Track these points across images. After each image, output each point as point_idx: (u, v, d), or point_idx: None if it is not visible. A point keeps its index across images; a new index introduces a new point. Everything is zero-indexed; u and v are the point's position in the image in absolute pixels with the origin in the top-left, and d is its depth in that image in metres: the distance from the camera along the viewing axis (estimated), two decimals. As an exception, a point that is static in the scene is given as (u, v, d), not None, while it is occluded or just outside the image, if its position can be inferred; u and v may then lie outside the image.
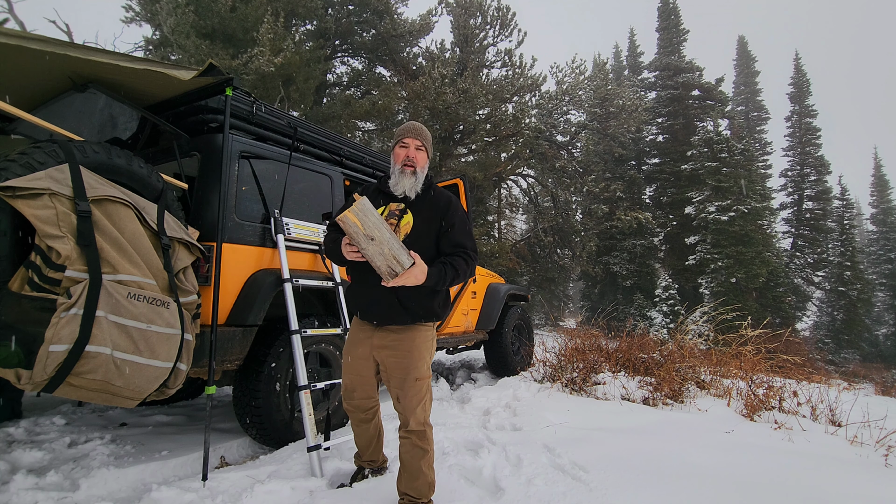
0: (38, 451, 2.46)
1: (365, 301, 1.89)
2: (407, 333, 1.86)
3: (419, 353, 1.85)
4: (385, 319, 1.86)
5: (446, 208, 1.89)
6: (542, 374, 4.81)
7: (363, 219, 1.62)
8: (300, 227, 2.99)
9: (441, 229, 1.86)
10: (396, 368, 1.84)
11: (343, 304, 3.00)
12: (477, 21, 14.57)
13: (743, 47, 31.47)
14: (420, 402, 1.84)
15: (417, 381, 1.83)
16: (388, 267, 1.64)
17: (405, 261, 1.66)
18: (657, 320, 16.94)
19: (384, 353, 1.87)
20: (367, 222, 1.62)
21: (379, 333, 1.89)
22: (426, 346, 1.89)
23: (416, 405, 1.83)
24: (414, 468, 1.83)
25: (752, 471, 2.39)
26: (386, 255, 1.64)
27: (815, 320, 23.85)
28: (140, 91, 2.51)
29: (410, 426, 1.84)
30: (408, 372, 1.82)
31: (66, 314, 1.60)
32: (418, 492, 1.84)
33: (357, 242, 1.64)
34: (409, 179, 1.86)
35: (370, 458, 2.21)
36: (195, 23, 9.14)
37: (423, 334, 1.88)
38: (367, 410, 2.04)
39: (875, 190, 33.66)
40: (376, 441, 2.18)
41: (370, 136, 13.57)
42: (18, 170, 1.69)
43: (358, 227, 1.62)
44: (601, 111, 17.32)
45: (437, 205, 1.90)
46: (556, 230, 16.01)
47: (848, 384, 8.60)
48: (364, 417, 2.05)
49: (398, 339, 1.85)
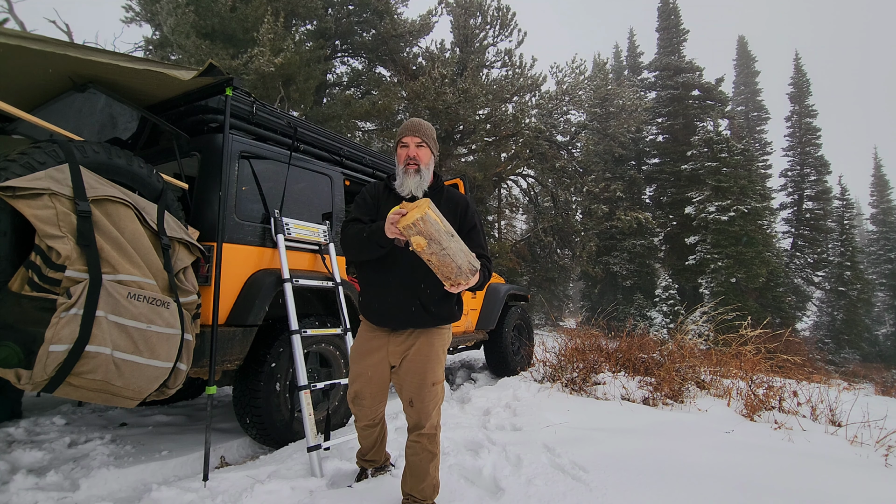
0: (38, 451, 2.46)
1: (384, 306, 1.83)
2: (425, 337, 1.83)
3: (437, 357, 1.83)
4: (406, 324, 1.82)
5: (465, 209, 1.87)
6: (542, 374, 4.81)
7: (440, 217, 1.54)
8: (300, 227, 2.99)
9: (460, 230, 1.79)
10: (414, 374, 1.81)
11: (343, 304, 3.00)
12: (477, 21, 14.57)
13: (743, 47, 31.47)
14: (436, 405, 1.82)
15: (434, 385, 1.81)
16: (469, 264, 1.56)
17: (475, 260, 1.59)
18: (657, 320, 16.94)
19: (400, 359, 1.84)
20: (444, 220, 1.54)
21: (396, 339, 1.85)
22: (444, 349, 1.87)
23: (433, 409, 1.81)
24: (422, 471, 1.82)
25: (752, 471, 2.39)
26: (466, 252, 1.56)
27: (815, 320, 23.87)
28: (140, 91, 2.51)
29: (424, 429, 1.81)
30: (425, 377, 1.80)
31: (66, 314, 1.60)
32: (423, 494, 1.83)
33: (438, 240, 1.50)
34: (414, 179, 1.82)
35: (373, 458, 2.20)
36: (195, 23, 9.14)
37: (442, 337, 1.86)
38: (376, 416, 2.02)
39: (875, 190, 33.68)
40: (380, 442, 2.17)
41: (370, 136, 13.56)
42: (18, 170, 1.69)
43: (440, 224, 1.51)
44: (601, 111, 17.32)
45: (456, 204, 1.87)
46: (556, 230, 16.00)
47: (848, 384, 8.61)
48: (372, 423, 2.03)
49: (418, 343, 1.82)
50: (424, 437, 1.81)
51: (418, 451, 1.82)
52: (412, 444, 1.84)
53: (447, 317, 1.85)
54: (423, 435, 1.81)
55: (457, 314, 1.89)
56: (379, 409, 1.99)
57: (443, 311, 1.82)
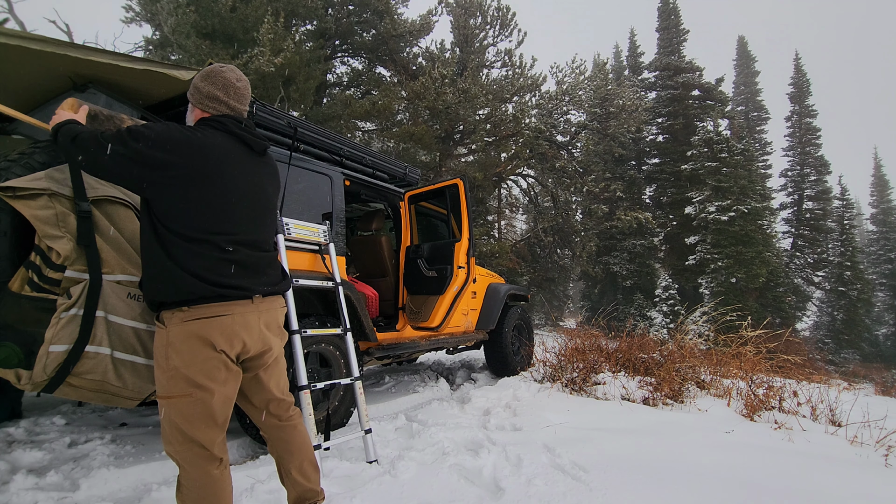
0: (38, 451, 2.46)
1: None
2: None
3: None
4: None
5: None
6: (542, 374, 4.81)
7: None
8: (300, 227, 2.98)
9: None
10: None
11: (343, 304, 3.00)
12: (477, 21, 14.58)
13: (743, 47, 31.48)
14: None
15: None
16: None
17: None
18: (657, 320, 16.96)
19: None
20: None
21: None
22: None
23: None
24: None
25: (752, 471, 2.39)
26: None
27: (815, 320, 23.88)
28: (140, 91, 2.50)
29: None
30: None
31: (66, 314, 1.60)
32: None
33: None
34: None
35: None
36: (195, 23, 9.14)
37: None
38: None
39: (875, 190, 33.72)
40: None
41: (370, 136, 13.57)
42: (19, 170, 1.69)
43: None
44: (601, 111, 17.32)
45: None
46: (556, 230, 16.01)
47: (848, 384, 8.61)
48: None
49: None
50: None
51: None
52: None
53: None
54: None
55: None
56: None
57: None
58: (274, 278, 1.65)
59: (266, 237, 1.67)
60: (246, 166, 1.58)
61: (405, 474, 2.28)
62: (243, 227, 1.55)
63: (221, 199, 1.49)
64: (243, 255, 1.53)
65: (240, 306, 1.50)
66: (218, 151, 1.50)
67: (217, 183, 1.48)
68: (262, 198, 1.64)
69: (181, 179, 1.43)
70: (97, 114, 1.93)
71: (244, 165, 1.58)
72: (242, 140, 1.59)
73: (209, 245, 1.46)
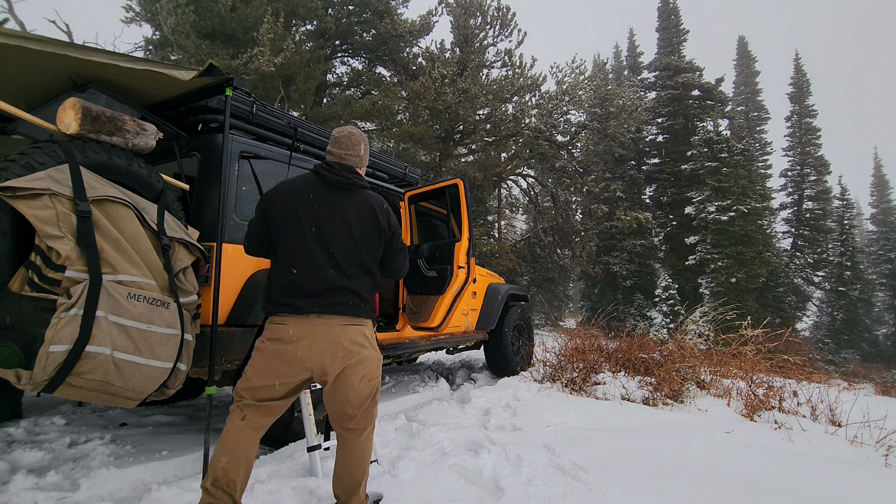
0: (38, 451, 2.46)
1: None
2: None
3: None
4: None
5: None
6: (542, 374, 4.81)
7: None
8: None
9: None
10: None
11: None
12: (477, 21, 14.58)
13: (743, 47, 31.45)
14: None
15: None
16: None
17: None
18: (657, 320, 16.94)
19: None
20: None
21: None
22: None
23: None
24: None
25: (752, 471, 2.39)
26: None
27: (815, 320, 23.87)
28: (140, 91, 2.50)
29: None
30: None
31: (66, 314, 1.60)
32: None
33: None
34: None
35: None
36: (195, 23, 9.15)
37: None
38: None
39: (875, 190, 33.72)
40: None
41: (370, 136, 13.56)
42: (19, 170, 1.69)
43: None
44: (601, 111, 17.34)
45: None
46: (556, 230, 16.01)
47: (848, 384, 8.60)
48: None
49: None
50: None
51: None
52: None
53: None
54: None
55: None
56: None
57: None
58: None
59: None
60: (324, 199, 1.79)
61: (405, 474, 2.28)
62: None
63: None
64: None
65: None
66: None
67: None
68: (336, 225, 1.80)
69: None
70: (99, 115, 1.93)
71: (323, 199, 1.79)
72: (323, 178, 1.82)
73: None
